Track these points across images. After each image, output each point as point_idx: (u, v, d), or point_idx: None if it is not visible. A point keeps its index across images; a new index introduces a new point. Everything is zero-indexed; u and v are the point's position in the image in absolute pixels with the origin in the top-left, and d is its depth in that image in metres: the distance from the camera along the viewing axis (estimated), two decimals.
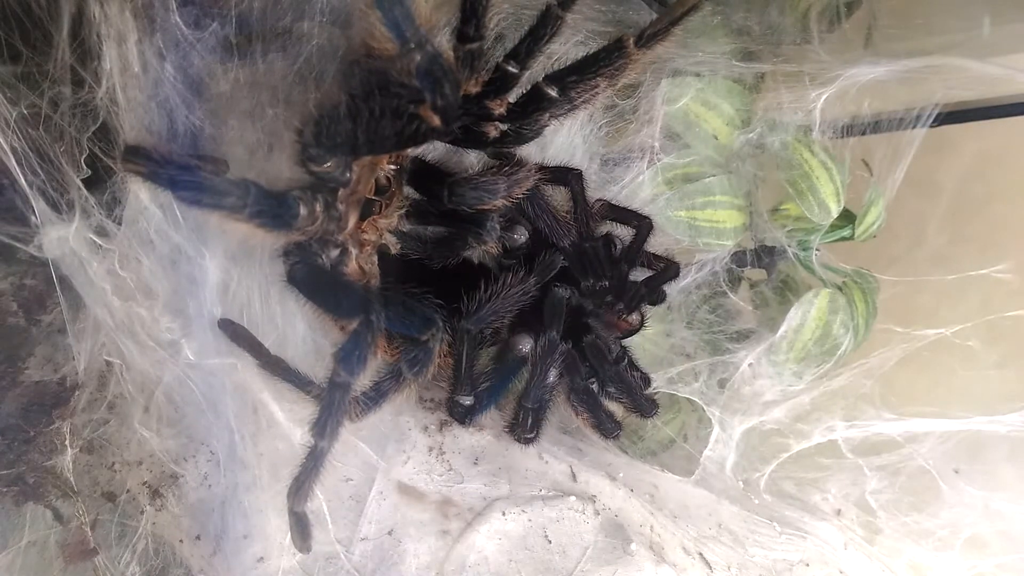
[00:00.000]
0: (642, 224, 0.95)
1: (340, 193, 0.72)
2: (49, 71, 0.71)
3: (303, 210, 0.68)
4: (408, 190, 0.80)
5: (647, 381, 0.98)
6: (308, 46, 0.77)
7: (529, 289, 0.82)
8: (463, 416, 0.88)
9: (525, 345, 0.87)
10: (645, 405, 0.93)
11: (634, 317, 0.92)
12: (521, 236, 0.85)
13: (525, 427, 0.88)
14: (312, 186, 0.70)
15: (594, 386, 0.91)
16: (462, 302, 0.81)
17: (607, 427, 0.91)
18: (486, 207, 0.73)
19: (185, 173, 0.60)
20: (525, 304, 0.84)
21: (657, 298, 0.99)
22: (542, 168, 0.86)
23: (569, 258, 0.87)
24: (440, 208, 0.75)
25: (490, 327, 0.84)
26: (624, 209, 0.97)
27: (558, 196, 0.90)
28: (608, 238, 0.95)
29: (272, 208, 0.65)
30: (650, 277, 0.96)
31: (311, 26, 0.77)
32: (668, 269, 0.98)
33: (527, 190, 0.74)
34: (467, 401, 0.87)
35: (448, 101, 0.58)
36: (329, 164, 0.68)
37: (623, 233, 0.97)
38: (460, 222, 0.78)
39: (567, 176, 0.88)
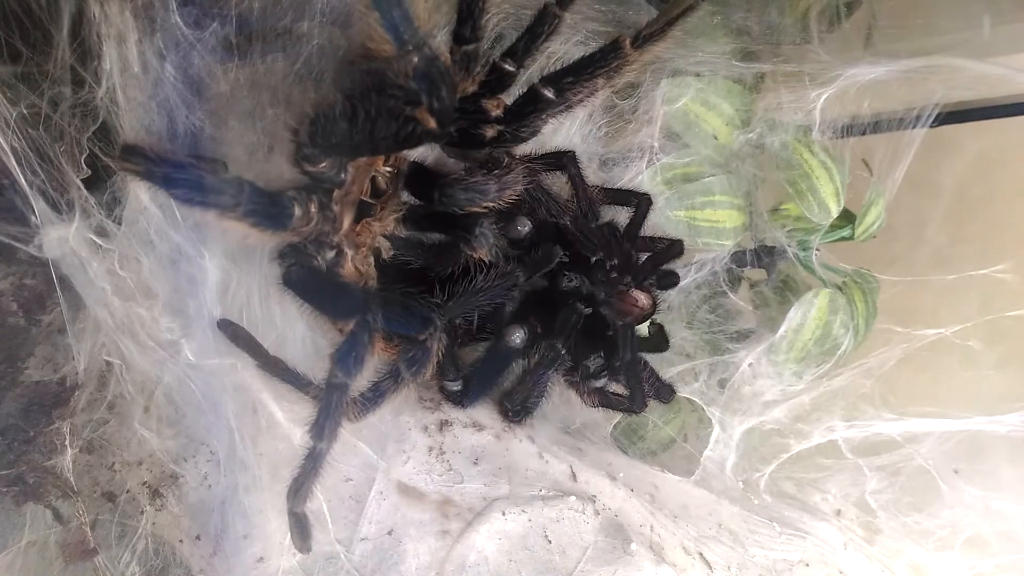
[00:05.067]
0: (641, 200, 0.96)
1: (335, 194, 0.72)
2: (49, 71, 0.71)
3: (298, 210, 0.68)
4: (406, 194, 0.80)
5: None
6: (308, 46, 0.77)
7: (516, 281, 0.82)
8: (457, 399, 0.91)
9: (516, 337, 0.87)
10: (639, 400, 0.94)
11: (645, 300, 0.92)
12: (523, 227, 0.85)
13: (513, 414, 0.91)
14: (307, 186, 0.70)
15: (600, 382, 0.94)
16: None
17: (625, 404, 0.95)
18: (476, 208, 0.72)
19: (180, 171, 0.60)
20: (526, 296, 0.84)
21: (668, 281, 0.99)
22: (535, 159, 0.86)
23: (575, 237, 0.87)
24: (432, 211, 0.75)
25: (466, 317, 0.85)
26: (620, 190, 0.98)
27: (558, 183, 0.90)
28: (611, 225, 0.95)
29: (266, 207, 0.65)
30: (654, 254, 0.97)
31: (311, 26, 0.77)
32: (672, 247, 0.98)
33: (518, 192, 0.74)
34: (454, 387, 0.90)
35: (444, 104, 0.58)
36: (324, 164, 0.68)
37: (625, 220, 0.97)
38: (453, 229, 0.77)
39: (562, 160, 0.88)
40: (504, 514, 0.84)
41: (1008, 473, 1.05)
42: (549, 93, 0.74)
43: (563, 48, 0.94)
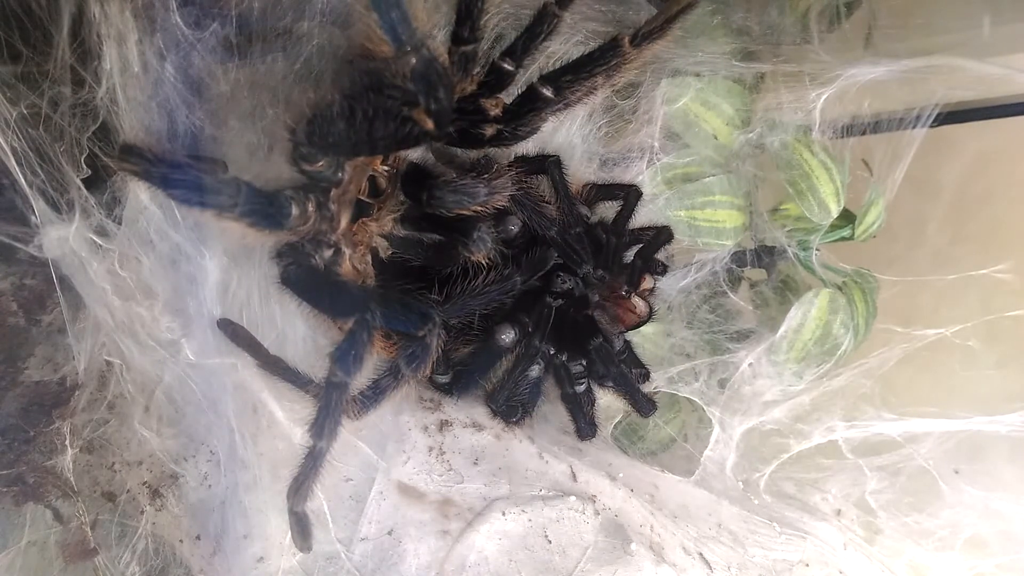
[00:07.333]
0: (630, 193, 0.95)
1: (332, 193, 0.72)
2: (49, 71, 0.72)
3: (295, 209, 0.68)
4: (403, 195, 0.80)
5: (647, 376, 0.99)
6: (308, 46, 0.77)
7: (514, 286, 0.82)
8: (446, 390, 0.92)
9: (506, 336, 0.87)
10: (644, 404, 0.94)
11: (643, 307, 0.92)
12: (514, 227, 0.84)
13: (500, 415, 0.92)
14: (304, 186, 0.70)
15: (581, 387, 0.93)
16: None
17: (584, 430, 0.95)
18: (464, 211, 0.71)
19: (177, 171, 0.61)
20: (518, 296, 0.84)
21: (656, 268, 0.98)
22: (520, 159, 0.85)
23: (558, 248, 0.86)
24: (423, 212, 0.74)
25: (463, 319, 0.84)
26: (610, 185, 0.97)
27: (544, 184, 0.88)
28: (603, 224, 0.95)
29: (263, 207, 0.65)
30: (643, 247, 0.96)
31: (311, 26, 0.78)
32: (660, 234, 0.97)
33: (506, 198, 0.73)
34: (443, 379, 0.91)
35: (442, 105, 0.58)
36: (321, 163, 0.68)
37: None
38: (450, 231, 0.77)
39: (545, 164, 0.86)
40: (504, 514, 0.84)
41: (1008, 473, 1.05)
42: (548, 92, 0.74)
43: (563, 48, 0.94)
